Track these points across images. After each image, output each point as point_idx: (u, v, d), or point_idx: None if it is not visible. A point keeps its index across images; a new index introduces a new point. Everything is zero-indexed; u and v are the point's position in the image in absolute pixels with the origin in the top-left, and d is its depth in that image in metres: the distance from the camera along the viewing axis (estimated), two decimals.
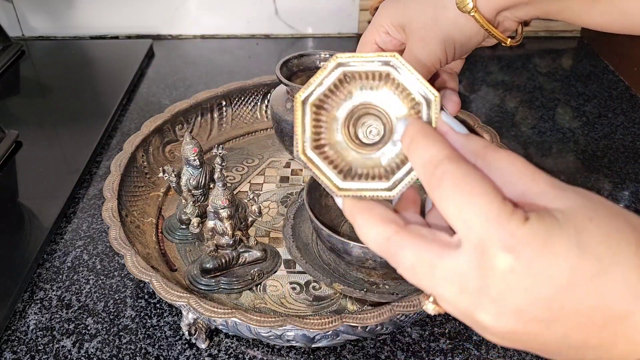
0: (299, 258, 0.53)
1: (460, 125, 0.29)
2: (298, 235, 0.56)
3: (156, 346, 0.49)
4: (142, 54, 0.96)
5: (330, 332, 0.44)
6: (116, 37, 1.06)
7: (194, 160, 0.57)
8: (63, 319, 0.52)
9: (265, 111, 0.77)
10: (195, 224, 0.53)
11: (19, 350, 0.49)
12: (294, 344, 0.47)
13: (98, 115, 0.80)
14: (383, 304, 0.45)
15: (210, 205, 0.52)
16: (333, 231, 0.49)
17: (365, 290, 0.49)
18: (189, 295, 0.45)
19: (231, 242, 0.53)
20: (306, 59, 0.68)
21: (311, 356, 0.48)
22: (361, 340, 0.49)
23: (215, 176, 0.51)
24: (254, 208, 0.53)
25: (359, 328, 0.44)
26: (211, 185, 0.58)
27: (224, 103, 0.75)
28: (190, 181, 0.58)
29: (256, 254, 0.54)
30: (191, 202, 0.56)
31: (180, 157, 0.65)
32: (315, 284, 0.53)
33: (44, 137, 0.77)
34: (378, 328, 0.45)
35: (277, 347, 0.49)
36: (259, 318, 0.43)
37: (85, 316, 0.52)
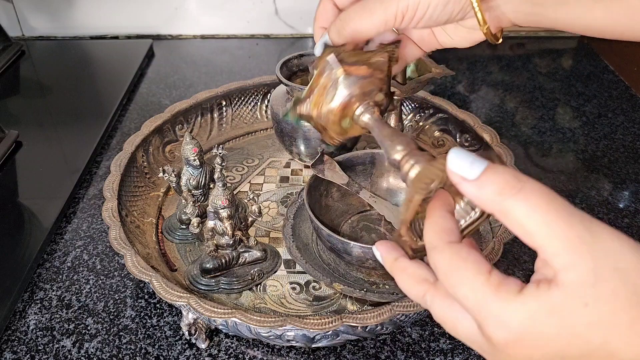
0: (299, 258, 0.53)
1: (476, 161, 0.25)
2: (298, 235, 0.56)
3: (156, 346, 0.49)
4: (142, 54, 0.96)
5: (330, 332, 0.44)
6: (116, 37, 1.06)
7: (194, 160, 0.57)
8: (63, 319, 0.52)
9: (265, 111, 0.77)
10: (195, 224, 0.53)
11: (19, 350, 0.49)
12: (294, 344, 0.47)
13: (98, 115, 0.80)
14: (383, 303, 0.45)
15: (210, 205, 0.52)
16: (333, 231, 0.49)
17: (365, 290, 0.49)
18: (189, 295, 0.45)
19: (231, 242, 0.53)
20: (306, 59, 0.68)
21: (311, 356, 0.48)
22: (361, 340, 0.49)
23: (215, 176, 0.51)
24: (254, 208, 0.53)
25: (359, 328, 0.44)
26: (211, 185, 0.58)
27: (224, 103, 0.75)
28: (190, 181, 0.58)
29: (256, 254, 0.54)
30: (191, 202, 0.56)
31: (180, 157, 0.65)
32: (315, 284, 0.53)
33: (44, 137, 0.77)
34: (378, 328, 0.45)
35: (277, 347, 0.49)
36: (259, 318, 0.43)
37: (85, 316, 0.52)
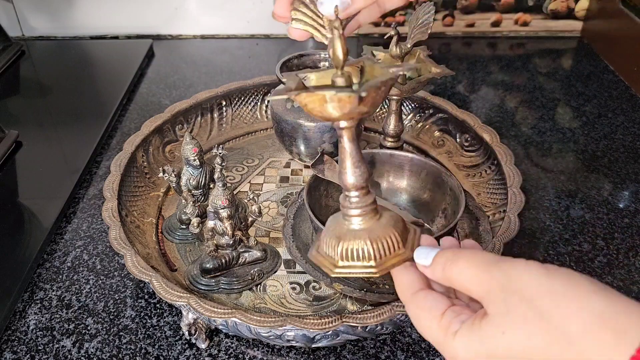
0: (299, 258, 0.53)
1: (430, 252, 0.35)
2: (298, 235, 0.56)
3: (156, 346, 0.49)
4: (142, 54, 0.96)
5: (330, 332, 0.44)
6: (116, 37, 1.06)
7: (194, 160, 0.57)
8: (63, 319, 0.52)
9: (265, 111, 0.77)
10: (195, 224, 0.53)
11: (19, 350, 0.49)
12: (294, 344, 0.47)
13: (98, 115, 0.80)
14: (383, 303, 0.45)
15: (210, 205, 0.52)
16: None
17: (365, 290, 0.49)
18: (189, 295, 0.45)
19: (231, 242, 0.53)
20: (306, 59, 0.68)
21: (311, 356, 0.48)
22: (361, 340, 0.49)
23: (215, 176, 0.51)
24: (254, 208, 0.53)
25: (359, 328, 0.44)
26: (211, 185, 0.58)
27: (224, 103, 0.75)
28: (190, 181, 0.58)
29: (256, 254, 0.54)
30: (191, 202, 0.56)
31: (180, 157, 0.65)
32: (315, 284, 0.53)
33: (44, 137, 0.77)
34: (378, 328, 0.45)
35: (277, 347, 0.49)
36: (259, 318, 0.44)
37: (85, 316, 0.52)
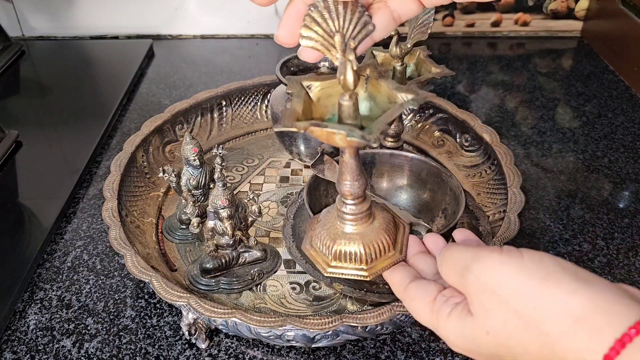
0: (299, 258, 0.53)
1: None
2: (298, 235, 0.56)
3: (156, 346, 0.49)
4: (142, 54, 0.96)
5: (330, 332, 0.44)
6: (116, 37, 1.06)
7: (194, 160, 0.57)
8: (63, 319, 0.52)
9: (265, 111, 0.77)
10: (195, 224, 0.53)
11: (19, 350, 0.49)
12: (294, 344, 0.47)
13: (98, 115, 0.80)
14: (383, 303, 0.45)
15: (210, 205, 0.52)
16: None
17: (365, 290, 0.49)
18: (189, 295, 0.45)
19: (231, 242, 0.53)
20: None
21: (311, 356, 0.48)
22: (361, 340, 0.49)
23: (215, 176, 0.51)
24: (254, 208, 0.53)
25: (359, 328, 0.44)
26: (211, 185, 0.58)
27: (224, 103, 0.75)
28: (190, 181, 0.58)
29: (256, 254, 0.54)
30: (191, 202, 0.56)
31: (180, 157, 0.65)
32: (315, 284, 0.53)
33: (44, 137, 0.77)
34: (378, 328, 0.45)
35: (277, 347, 0.49)
36: (259, 318, 0.44)
37: (85, 316, 0.52)
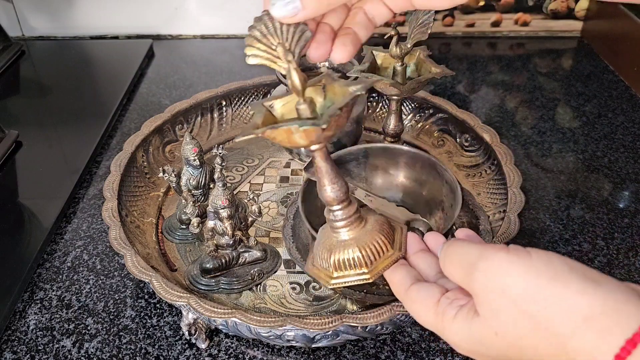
0: (299, 258, 0.53)
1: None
2: (298, 235, 0.56)
3: (156, 346, 0.49)
4: (142, 54, 0.96)
5: (330, 332, 0.44)
6: (116, 37, 1.06)
7: (194, 160, 0.57)
8: (63, 319, 0.52)
9: None
10: (195, 224, 0.53)
11: (19, 350, 0.49)
12: (294, 344, 0.47)
13: (98, 115, 0.80)
14: (384, 303, 0.45)
15: (210, 205, 0.52)
16: None
17: (365, 291, 0.49)
18: (189, 295, 0.45)
19: (231, 242, 0.53)
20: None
21: (311, 356, 0.48)
22: (361, 340, 0.49)
23: (215, 176, 0.51)
24: (254, 208, 0.53)
25: (359, 328, 0.44)
26: (211, 185, 0.58)
27: (224, 103, 0.75)
28: (190, 181, 0.58)
29: (256, 254, 0.54)
30: (191, 202, 0.56)
31: (180, 157, 0.65)
32: (315, 284, 0.53)
33: (44, 137, 0.77)
34: (378, 328, 0.45)
35: (277, 347, 0.49)
36: (259, 318, 0.44)
37: (85, 316, 0.52)
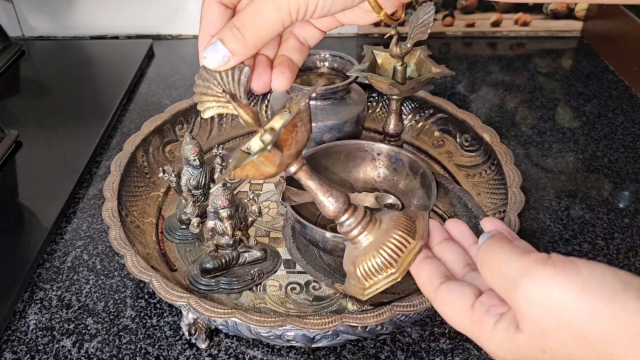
0: (300, 259, 0.53)
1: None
2: (298, 235, 0.56)
3: (156, 346, 0.49)
4: (142, 54, 0.96)
5: (330, 332, 0.44)
6: (116, 37, 1.06)
7: (194, 160, 0.57)
8: (63, 319, 0.52)
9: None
10: (195, 224, 0.53)
11: (19, 350, 0.49)
12: (294, 344, 0.47)
13: (98, 115, 0.80)
14: (384, 303, 0.45)
15: (210, 205, 0.52)
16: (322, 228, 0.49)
17: None
18: (189, 295, 0.45)
19: (231, 242, 0.53)
20: (306, 59, 0.68)
21: (311, 356, 0.48)
22: (361, 340, 0.49)
23: (215, 176, 0.51)
24: (254, 208, 0.53)
25: (359, 328, 0.44)
26: (211, 185, 0.58)
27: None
28: (190, 181, 0.58)
29: (256, 254, 0.54)
30: (191, 202, 0.56)
31: (180, 157, 0.65)
32: (315, 284, 0.53)
33: (44, 137, 0.77)
34: (378, 328, 0.45)
35: (277, 347, 0.49)
36: (259, 318, 0.44)
37: (85, 316, 0.52)
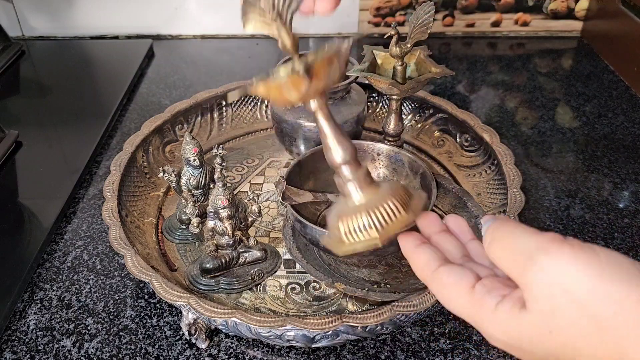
0: (300, 258, 0.53)
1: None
2: (298, 235, 0.56)
3: (156, 346, 0.49)
4: (142, 54, 0.96)
5: (330, 332, 0.44)
6: (116, 37, 1.06)
7: (194, 160, 0.57)
8: (63, 319, 0.52)
9: (265, 111, 0.77)
10: (195, 224, 0.53)
11: (19, 350, 0.49)
12: (294, 344, 0.47)
13: (98, 115, 0.80)
14: (384, 303, 0.45)
15: (210, 205, 0.52)
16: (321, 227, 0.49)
17: (367, 289, 0.49)
18: (189, 295, 0.45)
19: (231, 242, 0.53)
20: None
21: (311, 356, 0.48)
22: (361, 340, 0.49)
23: (215, 176, 0.51)
24: (254, 208, 0.53)
25: (359, 328, 0.44)
26: (211, 185, 0.58)
27: (224, 103, 0.75)
28: (190, 181, 0.58)
29: (256, 254, 0.54)
30: (191, 202, 0.56)
31: (180, 157, 0.65)
32: (315, 284, 0.53)
33: (44, 137, 0.77)
34: (378, 328, 0.45)
35: (277, 347, 0.49)
36: (259, 318, 0.43)
37: (85, 316, 0.52)
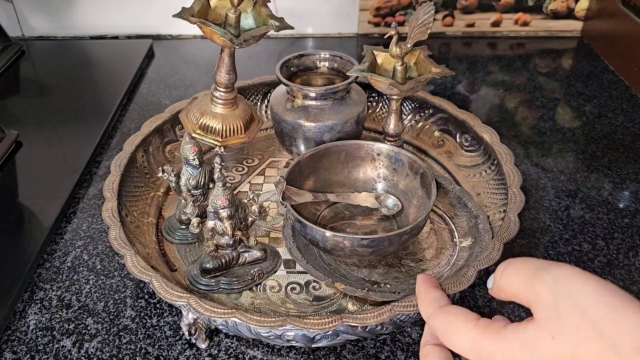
0: (300, 258, 0.53)
1: (490, 280, 0.35)
2: (298, 235, 0.56)
3: (156, 346, 0.49)
4: (142, 54, 0.96)
5: (330, 332, 0.44)
6: (116, 37, 1.06)
7: (194, 160, 0.57)
8: (63, 319, 0.52)
9: (265, 111, 0.77)
10: (195, 224, 0.53)
11: (19, 350, 0.49)
12: (294, 344, 0.47)
13: (98, 115, 0.80)
14: (384, 303, 0.45)
15: (210, 205, 0.52)
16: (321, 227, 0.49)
17: (367, 289, 0.49)
18: (189, 295, 0.45)
19: (231, 242, 0.53)
20: (306, 59, 0.68)
21: (311, 356, 0.48)
22: (361, 340, 0.49)
23: (215, 176, 0.51)
24: (254, 208, 0.53)
25: (359, 328, 0.44)
26: (211, 185, 0.58)
27: None
28: (190, 181, 0.58)
29: (256, 254, 0.54)
30: (191, 202, 0.56)
31: (180, 157, 0.65)
32: (315, 284, 0.53)
33: (44, 137, 0.77)
34: (378, 328, 0.45)
35: (277, 347, 0.49)
36: (259, 318, 0.43)
37: (85, 316, 0.52)
